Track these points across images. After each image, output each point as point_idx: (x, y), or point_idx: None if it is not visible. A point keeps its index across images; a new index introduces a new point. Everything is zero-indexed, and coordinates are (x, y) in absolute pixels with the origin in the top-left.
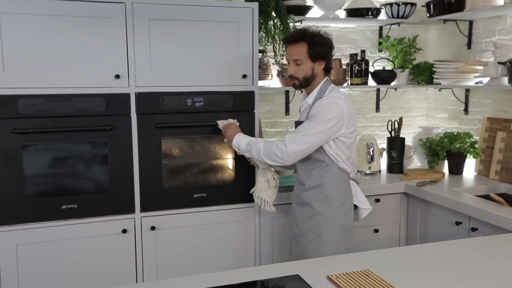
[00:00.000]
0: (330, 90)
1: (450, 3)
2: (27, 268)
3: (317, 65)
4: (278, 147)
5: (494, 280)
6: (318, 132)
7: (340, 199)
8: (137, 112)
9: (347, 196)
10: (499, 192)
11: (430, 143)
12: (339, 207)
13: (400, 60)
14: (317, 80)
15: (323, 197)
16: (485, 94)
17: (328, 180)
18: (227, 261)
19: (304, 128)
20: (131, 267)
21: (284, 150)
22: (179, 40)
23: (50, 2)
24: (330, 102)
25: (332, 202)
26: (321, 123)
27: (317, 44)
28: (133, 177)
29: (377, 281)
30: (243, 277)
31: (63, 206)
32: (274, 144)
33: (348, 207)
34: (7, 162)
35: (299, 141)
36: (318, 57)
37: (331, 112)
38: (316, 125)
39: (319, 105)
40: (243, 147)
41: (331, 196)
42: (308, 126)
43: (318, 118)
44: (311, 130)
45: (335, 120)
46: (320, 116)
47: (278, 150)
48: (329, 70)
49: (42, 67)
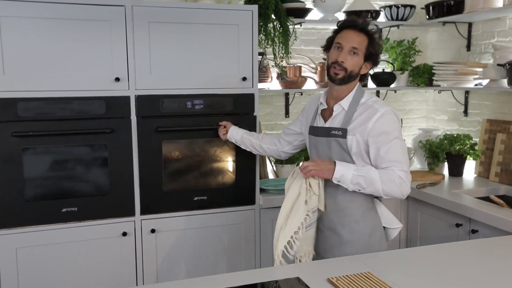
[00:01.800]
0: (369, 96)
1: (449, 5)
2: (27, 271)
3: (365, 65)
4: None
5: (494, 282)
6: (405, 149)
7: (370, 224)
8: (137, 115)
9: (378, 218)
10: (499, 194)
11: (430, 145)
12: (370, 234)
13: (399, 62)
14: (355, 82)
15: (352, 221)
16: (484, 96)
17: (357, 202)
18: (227, 264)
19: (391, 152)
20: (131, 270)
21: (405, 184)
22: (179, 43)
23: (50, 5)
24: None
25: (362, 229)
26: (400, 139)
27: (376, 44)
28: (133, 180)
29: (378, 284)
30: (244, 279)
31: (63, 209)
32: (393, 174)
33: (380, 232)
34: (7, 165)
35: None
36: (372, 57)
37: (395, 121)
38: (398, 143)
39: (379, 118)
40: (350, 179)
41: (360, 221)
42: (398, 150)
43: (395, 134)
44: (400, 151)
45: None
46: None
47: (402, 185)
48: (366, 77)
49: (42, 70)
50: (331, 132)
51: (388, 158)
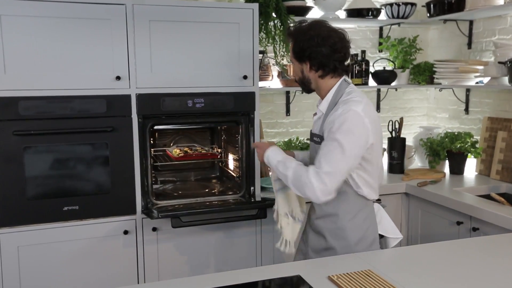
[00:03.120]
0: (348, 93)
1: (450, 3)
2: (28, 269)
3: (305, 67)
4: (310, 180)
5: (495, 279)
6: (344, 156)
7: (359, 232)
8: (137, 114)
9: (369, 226)
10: (500, 192)
11: (431, 143)
12: (357, 243)
13: (400, 60)
14: (326, 84)
15: (337, 229)
16: (485, 94)
17: (342, 210)
18: (227, 261)
19: (325, 154)
20: (132, 268)
21: (311, 190)
22: (179, 41)
23: (51, 4)
24: (342, 111)
25: (348, 237)
26: (342, 143)
27: (299, 41)
28: (134, 178)
29: (378, 281)
30: (245, 277)
31: (65, 208)
32: (306, 172)
33: (370, 240)
34: (8, 164)
35: (323, 178)
36: (302, 56)
37: (348, 124)
38: (337, 148)
39: (334, 118)
40: (274, 166)
41: (346, 229)
42: (329, 150)
43: (337, 137)
44: (334, 156)
45: (356, 133)
46: (337, 133)
47: (309, 186)
48: (335, 70)
49: (43, 69)
50: (313, 138)
51: (318, 155)
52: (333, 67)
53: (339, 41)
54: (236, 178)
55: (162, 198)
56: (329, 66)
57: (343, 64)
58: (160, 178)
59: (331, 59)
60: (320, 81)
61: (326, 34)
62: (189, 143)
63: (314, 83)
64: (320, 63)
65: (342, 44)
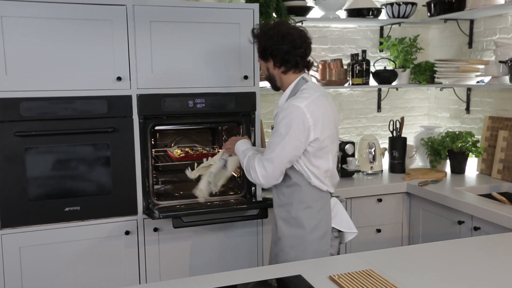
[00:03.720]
0: (301, 90)
1: (450, 2)
2: (30, 270)
3: (270, 64)
4: (254, 165)
5: (497, 279)
6: (284, 146)
7: (312, 221)
8: (138, 114)
9: (323, 217)
10: (501, 191)
11: (432, 142)
12: (311, 232)
13: (401, 60)
14: (288, 80)
15: (291, 218)
16: (486, 93)
17: (297, 199)
18: (228, 261)
19: (269, 144)
20: (134, 269)
21: (255, 175)
22: (180, 42)
23: (51, 5)
24: (287, 106)
25: (304, 224)
26: (283, 135)
27: (261, 40)
28: (135, 178)
29: (379, 281)
30: (247, 277)
31: (66, 208)
32: (254, 159)
33: (323, 231)
34: (10, 164)
35: (265, 165)
36: (265, 55)
37: (289, 117)
38: (277, 138)
39: (279, 111)
40: (238, 154)
41: (300, 218)
42: (272, 141)
43: (278, 129)
44: (275, 146)
45: (295, 127)
46: (279, 125)
47: (253, 170)
48: (296, 66)
49: (44, 70)
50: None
51: (267, 145)
52: (295, 63)
53: (298, 38)
54: (237, 178)
55: (163, 199)
56: (291, 62)
57: (304, 59)
58: (161, 178)
59: (292, 55)
60: (283, 77)
61: (286, 32)
62: (190, 143)
63: (279, 80)
64: (282, 59)
65: (302, 40)
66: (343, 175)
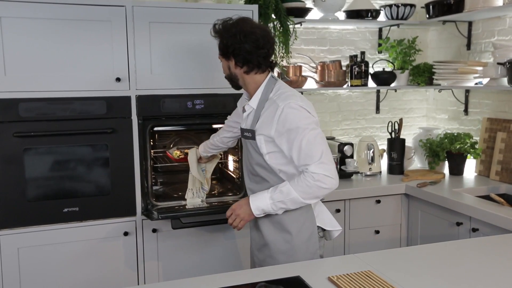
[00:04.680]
0: (277, 89)
1: (449, 4)
2: (29, 271)
3: (231, 63)
4: (315, 179)
5: (495, 280)
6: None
7: (297, 224)
8: (137, 115)
9: (306, 219)
10: (500, 193)
11: (430, 144)
12: (297, 234)
13: (399, 61)
14: (252, 80)
15: (275, 222)
16: (485, 95)
17: None
18: (227, 262)
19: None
20: (132, 269)
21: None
22: (179, 43)
23: (51, 6)
24: (285, 111)
25: (288, 228)
26: (307, 136)
27: (223, 37)
28: (134, 179)
29: (378, 282)
30: (245, 278)
31: (65, 209)
32: (304, 180)
33: (309, 233)
34: (9, 165)
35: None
36: (227, 53)
37: (298, 118)
38: (304, 142)
39: (282, 114)
40: (271, 209)
41: (284, 222)
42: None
43: (298, 134)
44: (313, 142)
45: (306, 120)
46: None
47: (319, 182)
48: (259, 66)
49: (43, 70)
50: (243, 134)
51: (302, 156)
52: (257, 63)
53: (261, 38)
54: (236, 180)
55: (162, 200)
56: (253, 62)
57: (267, 60)
58: (160, 179)
59: (254, 55)
60: (246, 77)
61: (249, 31)
62: (189, 144)
63: (241, 79)
64: (245, 59)
65: (265, 40)
66: (342, 177)
